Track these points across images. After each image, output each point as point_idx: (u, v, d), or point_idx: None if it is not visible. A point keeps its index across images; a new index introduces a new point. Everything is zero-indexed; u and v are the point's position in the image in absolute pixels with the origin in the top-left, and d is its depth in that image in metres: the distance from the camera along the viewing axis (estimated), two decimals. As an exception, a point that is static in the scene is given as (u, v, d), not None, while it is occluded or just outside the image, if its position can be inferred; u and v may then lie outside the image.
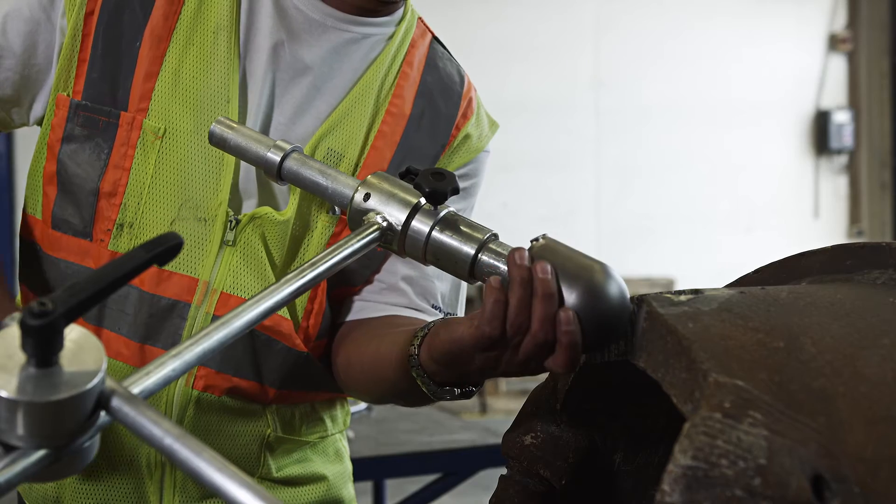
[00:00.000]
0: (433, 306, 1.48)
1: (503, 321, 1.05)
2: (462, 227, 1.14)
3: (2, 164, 6.60)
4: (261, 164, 1.24)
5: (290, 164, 1.23)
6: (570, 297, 1.05)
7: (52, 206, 1.40)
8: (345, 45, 1.43)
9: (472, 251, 1.12)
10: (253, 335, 1.40)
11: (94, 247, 1.38)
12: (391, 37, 1.46)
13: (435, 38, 1.53)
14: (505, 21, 7.63)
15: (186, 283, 1.38)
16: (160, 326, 1.38)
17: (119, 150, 1.37)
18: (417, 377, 1.20)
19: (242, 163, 1.38)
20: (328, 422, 1.54)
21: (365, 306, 1.46)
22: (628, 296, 1.05)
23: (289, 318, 1.42)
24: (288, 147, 1.23)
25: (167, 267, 1.36)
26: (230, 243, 1.38)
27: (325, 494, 1.53)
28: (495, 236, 1.14)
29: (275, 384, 1.44)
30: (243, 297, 1.38)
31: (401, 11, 1.48)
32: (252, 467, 1.45)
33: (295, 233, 1.40)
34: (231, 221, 1.38)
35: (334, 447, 1.56)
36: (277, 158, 1.22)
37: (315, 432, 1.52)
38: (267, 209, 1.39)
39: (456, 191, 1.13)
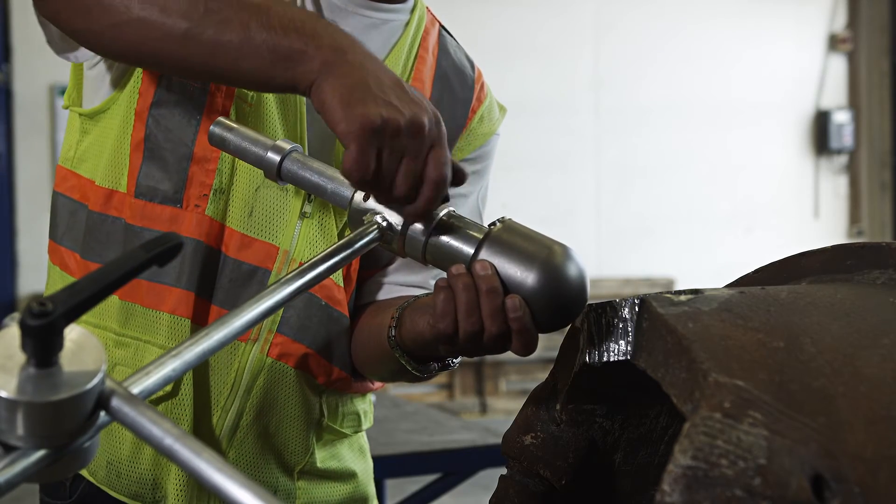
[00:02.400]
0: None
1: (454, 317, 1.12)
2: (461, 227, 1.14)
3: (2, 164, 6.60)
4: (260, 165, 1.23)
5: (289, 164, 1.22)
6: (526, 276, 1.08)
7: (137, 175, 1.38)
8: (366, 30, 1.44)
9: (471, 251, 1.12)
10: (327, 310, 1.42)
11: (187, 214, 1.37)
12: (407, 23, 1.48)
13: (442, 26, 1.56)
14: (505, 21, 7.63)
15: (266, 251, 1.38)
16: (240, 292, 1.38)
17: (211, 116, 1.35)
18: (399, 357, 1.31)
19: (314, 137, 1.38)
20: (361, 416, 1.56)
21: (381, 287, 1.49)
22: (587, 278, 1.10)
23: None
24: (287, 147, 1.23)
25: (249, 233, 1.37)
26: (308, 215, 1.40)
27: (354, 491, 1.55)
28: None
29: (339, 363, 1.45)
30: None
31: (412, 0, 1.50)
32: (302, 454, 1.46)
33: None
34: (310, 193, 1.38)
35: (359, 443, 1.58)
36: (277, 159, 1.22)
37: (351, 426, 1.54)
38: None
39: (446, 199, 1.14)
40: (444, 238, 1.14)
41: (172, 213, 1.37)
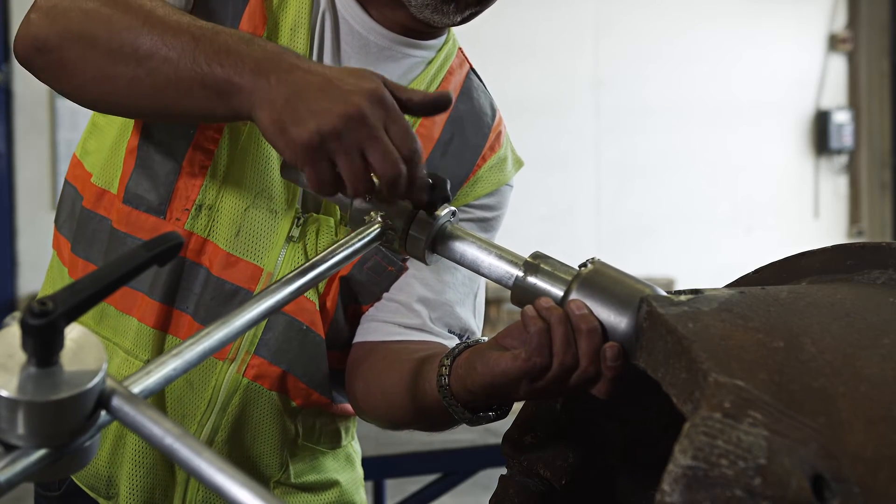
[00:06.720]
0: (459, 336, 1.47)
1: (550, 348, 1.06)
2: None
3: (2, 164, 6.59)
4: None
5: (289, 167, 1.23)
6: (620, 321, 1.05)
7: (128, 181, 1.39)
8: (382, 61, 1.42)
9: (560, 292, 1.10)
10: (308, 334, 1.41)
11: (168, 225, 1.37)
12: (430, 61, 1.46)
13: (472, 70, 1.54)
14: (505, 21, 7.61)
15: (251, 272, 1.38)
16: (220, 311, 1.37)
17: (205, 133, 1.36)
18: (450, 406, 1.20)
19: None
20: (342, 433, 1.55)
21: (378, 327, 1.45)
22: None
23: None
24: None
25: (234, 252, 1.37)
26: (294, 239, 1.39)
27: (337, 499, 1.54)
28: None
29: (319, 388, 1.44)
30: None
31: (443, 38, 1.48)
32: (276, 471, 1.46)
33: (336, 237, 1.40)
34: (299, 218, 1.38)
35: (345, 453, 1.57)
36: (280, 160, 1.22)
37: (330, 443, 1.53)
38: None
39: (447, 198, 1.14)
40: (531, 279, 1.11)
41: (155, 223, 1.38)
